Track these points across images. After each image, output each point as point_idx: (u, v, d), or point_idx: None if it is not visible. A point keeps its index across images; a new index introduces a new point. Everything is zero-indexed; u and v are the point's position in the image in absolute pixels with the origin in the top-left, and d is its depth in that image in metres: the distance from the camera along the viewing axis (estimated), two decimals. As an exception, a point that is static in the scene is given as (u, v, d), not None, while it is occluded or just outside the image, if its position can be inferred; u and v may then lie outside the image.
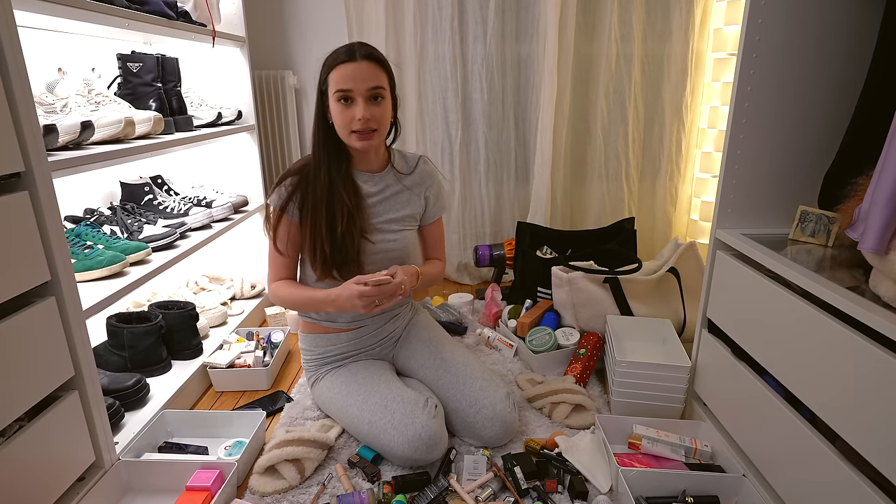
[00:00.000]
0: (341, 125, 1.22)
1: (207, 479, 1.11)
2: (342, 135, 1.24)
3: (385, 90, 1.22)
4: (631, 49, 2.16)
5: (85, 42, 1.65)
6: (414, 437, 1.17)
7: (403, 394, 1.25)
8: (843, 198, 1.03)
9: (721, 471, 1.18)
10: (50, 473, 0.99)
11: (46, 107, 1.26)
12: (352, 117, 1.20)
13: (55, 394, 1.01)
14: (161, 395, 1.43)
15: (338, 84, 1.19)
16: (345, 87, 1.18)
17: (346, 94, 1.19)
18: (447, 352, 1.41)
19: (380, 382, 1.30)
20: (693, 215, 2.36)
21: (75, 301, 1.05)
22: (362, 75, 1.18)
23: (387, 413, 1.22)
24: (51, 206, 0.98)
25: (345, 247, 1.26)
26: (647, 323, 1.63)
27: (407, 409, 1.21)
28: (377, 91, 1.20)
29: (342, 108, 1.20)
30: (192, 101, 1.86)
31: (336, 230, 1.25)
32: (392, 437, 1.19)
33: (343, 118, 1.21)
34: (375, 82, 1.20)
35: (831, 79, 1.17)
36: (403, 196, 1.37)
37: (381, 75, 1.21)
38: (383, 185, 1.34)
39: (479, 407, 1.28)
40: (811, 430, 0.95)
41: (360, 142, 1.22)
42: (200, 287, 2.05)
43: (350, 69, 1.18)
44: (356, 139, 1.22)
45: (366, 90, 1.19)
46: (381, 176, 1.34)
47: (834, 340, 0.89)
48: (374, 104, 1.21)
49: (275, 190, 1.29)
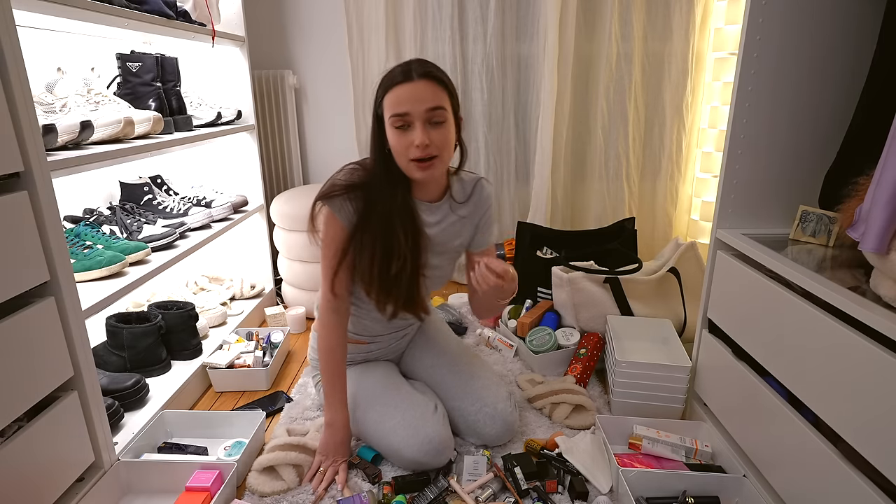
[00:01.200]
0: (399, 152, 1.10)
1: (207, 480, 1.11)
2: (401, 163, 1.11)
3: (446, 111, 1.08)
4: (631, 48, 2.16)
5: (84, 42, 1.65)
6: (424, 441, 1.18)
7: (414, 398, 1.26)
8: (844, 197, 1.02)
9: (722, 471, 1.18)
10: (49, 474, 0.99)
11: (46, 106, 1.26)
12: (409, 143, 1.07)
13: (54, 394, 1.01)
14: (160, 395, 1.43)
15: (393, 108, 1.07)
16: (401, 111, 1.06)
17: (402, 118, 1.07)
18: (453, 351, 1.41)
19: (389, 384, 1.30)
20: (693, 215, 2.36)
21: (75, 301, 1.05)
22: (419, 96, 1.05)
23: (397, 414, 1.22)
24: (50, 205, 0.98)
25: (399, 286, 1.17)
26: (647, 323, 1.63)
27: (417, 413, 1.21)
28: (437, 113, 1.07)
29: (399, 133, 1.08)
30: (192, 100, 1.86)
31: (389, 271, 1.15)
32: (401, 438, 1.19)
33: (400, 145, 1.08)
34: (434, 103, 1.06)
35: (832, 78, 1.17)
36: (458, 226, 1.26)
37: (441, 95, 1.08)
38: (440, 217, 1.23)
39: (481, 405, 1.28)
40: (812, 430, 0.95)
41: (420, 171, 1.10)
42: (200, 287, 2.05)
43: (406, 90, 1.06)
44: (415, 168, 1.09)
45: (424, 112, 1.06)
46: (438, 206, 1.23)
47: (835, 341, 0.89)
48: (434, 128, 1.08)
49: (336, 199, 1.14)
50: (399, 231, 1.14)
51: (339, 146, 2.41)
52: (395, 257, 1.14)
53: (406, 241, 1.14)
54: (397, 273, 1.15)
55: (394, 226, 1.14)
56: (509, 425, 1.29)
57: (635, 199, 2.35)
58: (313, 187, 2.18)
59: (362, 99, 2.27)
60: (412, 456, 1.18)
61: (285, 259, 2.10)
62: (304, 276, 2.06)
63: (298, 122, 2.39)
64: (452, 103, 1.11)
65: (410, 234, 1.16)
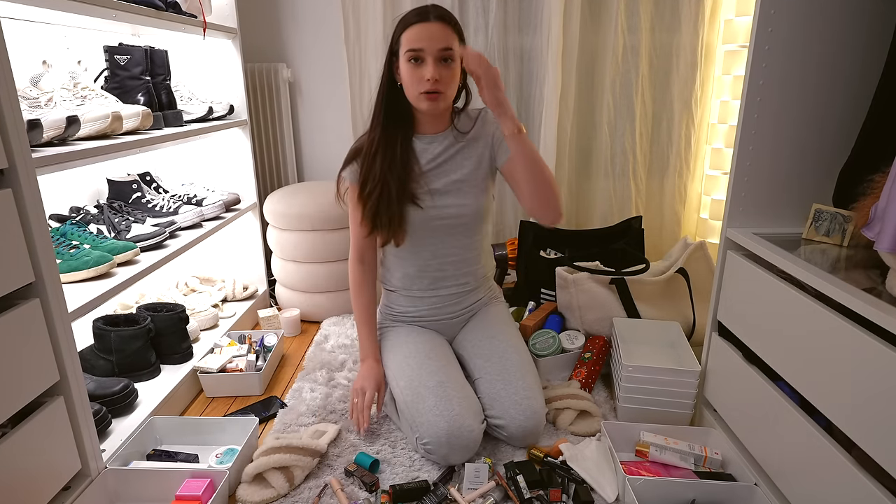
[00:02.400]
0: (410, 84, 1.27)
1: (198, 489, 1.11)
2: (410, 95, 1.29)
3: (455, 53, 1.27)
4: (638, 41, 2.16)
5: (70, 34, 1.65)
6: (463, 427, 1.23)
7: (472, 394, 1.33)
8: (859, 195, 1.03)
9: (732, 480, 1.18)
10: (34, 482, 0.99)
11: (31, 101, 1.26)
12: (421, 77, 1.25)
13: (39, 399, 1.01)
14: (149, 400, 1.43)
15: (409, 43, 1.25)
16: (416, 47, 1.24)
17: (417, 53, 1.24)
18: (505, 340, 1.44)
19: (454, 366, 1.40)
20: (703, 214, 2.36)
21: (60, 303, 1.05)
22: (434, 35, 1.24)
23: (452, 388, 1.29)
24: (35, 204, 0.98)
25: (390, 210, 1.34)
26: (654, 326, 1.63)
27: (468, 404, 1.28)
28: (447, 53, 1.25)
29: (412, 67, 1.26)
30: (182, 95, 1.86)
31: (379, 191, 1.33)
32: (448, 408, 1.24)
33: (412, 77, 1.26)
34: (446, 43, 1.25)
35: (847, 71, 1.17)
36: (464, 153, 1.40)
37: (452, 37, 1.26)
38: (443, 147, 1.39)
39: (514, 388, 1.32)
40: (826, 437, 0.95)
41: (427, 103, 1.27)
42: (190, 288, 2.05)
43: (423, 29, 1.24)
44: (424, 100, 1.27)
45: (437, 51, 1.24)
46: (441, 136, 1.39)
47: (849, 344, 0.89)
48: (444, 66, 1.26)
49: (350, 164, 1.38)
50: (394, 153, 1.33)
51: (335, 142, 2.41)
52: (386, 176, 1.33)
53: (400, 160, 1.33)
54: (386, 195, 1.33)
55: (388, 148, 1.33)
56: (536, 413, 1.30)
57: (642, 197, 2.35)
58: (308, 185, 2.18)
59: (359, 93, 2.27)
60: (442, 429, 1.22)
61: (279, 259, 2.11)
62: (298, 277, 2.06)
63: (293, 117, 2.39)
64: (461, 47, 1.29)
65: (404, 156, 1.34)
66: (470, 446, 1.24)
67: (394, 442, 1.37)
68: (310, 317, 2.09)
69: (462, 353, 1.49)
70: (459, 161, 1.40)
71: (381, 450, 1.34)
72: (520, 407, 1.30)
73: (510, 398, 1.31)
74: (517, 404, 1.30)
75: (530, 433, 1.31)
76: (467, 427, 1.23)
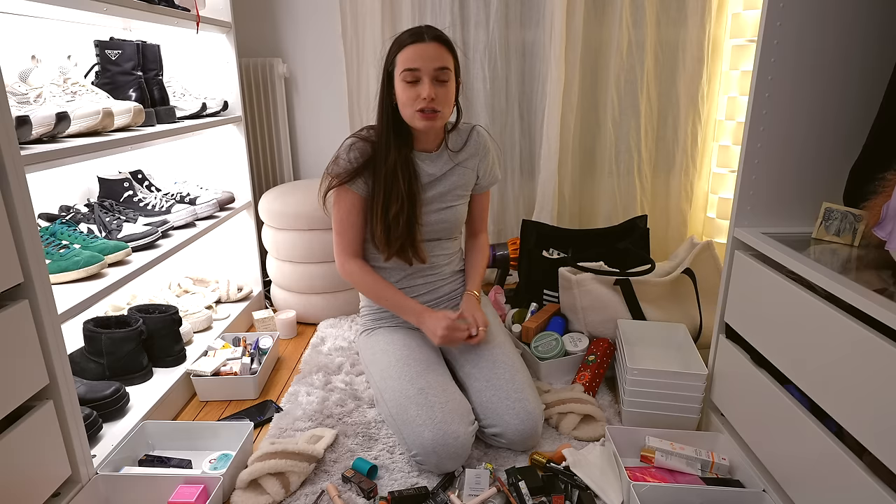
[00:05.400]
0: (406, 103, 1.33)
1: (191, 495, 1.11)
2: (406, 114, 1.35)
3: (450, 72, 1.33)
4: (643, 35, 2.16)
5: (60, 27, 1.65)
6: (448, 434, 1.22)
7: (458, 395, 1.33)
8: (870, 194, 1.03)
9: (740, 486, 1.18)
10: (22, 489, 0.99)
11: (19, 97, 1.26)
12: (417, 96, 1.31)
13: (28, 403, 1.01)
14: (141, 405, 1.43)
15: (405, 63, 1.30)
16: (412, 66, 1.30)
17: (413, 73, 1.30)
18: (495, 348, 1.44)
19: (436, 368, 1.39)
20: (710, 213, 2.36)
21: (50, 304, 1.05)
22: (429, 55, 1.30)
23: (434, 393, 1.29)
24: (24, 202, 0.98)
25: (398, 230, 1.39)
26: (660, 328, 1.63)
27: (453, 407, 1.27)
28: (443, 72, 1.31)
29: (408, 87, 1.31)
30: (175, 90, 1.86)
31: (389, 214, 1.39)
32: (430, 416, 1.24)
33: (408, 97, 1.32)
34: (441, 63, 1.31)
35: (857, 66, 1.17)
36: (456, 171, 1.49)
37: (447, 57, 1.33)
38: (440, 165, 1.46)
39: (505, 393, 1.33)
40: (836, 442, 0.95)
41: (423, 121, 1.33)
42: (184, 289, 2.05)
43: (418, 49, 1.30)
44: (420, 118, 1.33)
45: (433, 70, 1.30)
46: (438, 155, 1.47)
47: (860, 346, 0.89)
48: (439, 85, 1.32)
49: (339, 160, 1.41)
50: (401, 178, 1.38)
51: (332, 139, 2.41)
52: (394, 202, 1.38)
53: (406, 186, 1.38)
54: (395, 215, 1.38)
55: (397, 173, 1.38)
56: (534, 421, 1.31)
57: (648, 196, 2.35)
58: (304, 183, 2.18)
59: (356, 90, 2.27)
60: (431, 437, 1.22)
61: (274, 260, 2.11)
62: (294, 277, 2.06)
63: (288, 113, 2.40)
64: (455, 66, 1.37)
65: (411, 181, 1.40)
66: (459, 453, 1.23)
67: (392, 447, 1.37)
68: (306, 319, 2.10)
69: (449, 359, 1.50)
70: (453, 177, 1.48)
71: (379, 455, 1.34)
72: (513, 411, 1.30)
73: (502, 403, 1.31)
74: (510, 409, 1.31)
75: (529, 436, 1.31)
76: (452, 434, 1.22)
